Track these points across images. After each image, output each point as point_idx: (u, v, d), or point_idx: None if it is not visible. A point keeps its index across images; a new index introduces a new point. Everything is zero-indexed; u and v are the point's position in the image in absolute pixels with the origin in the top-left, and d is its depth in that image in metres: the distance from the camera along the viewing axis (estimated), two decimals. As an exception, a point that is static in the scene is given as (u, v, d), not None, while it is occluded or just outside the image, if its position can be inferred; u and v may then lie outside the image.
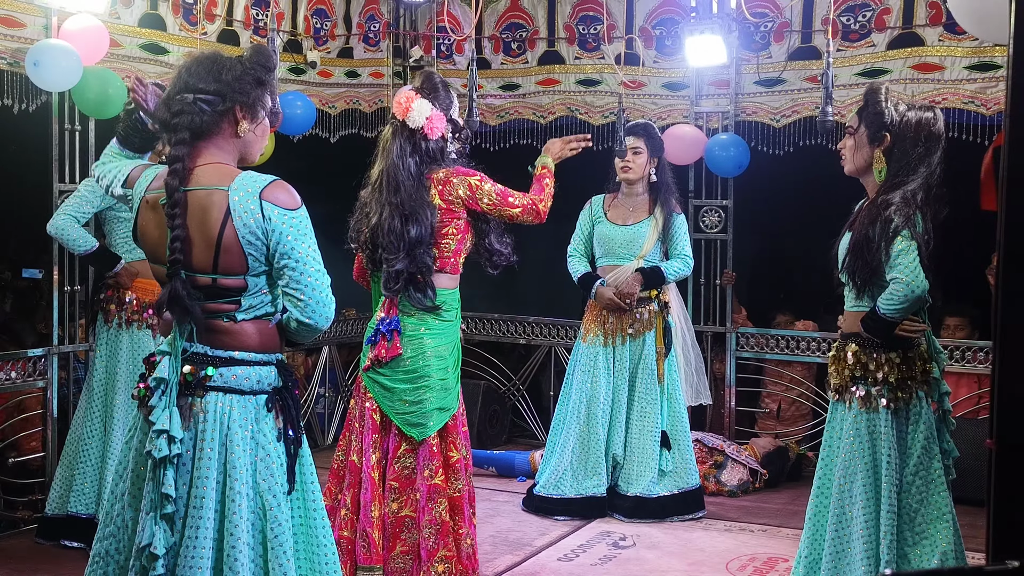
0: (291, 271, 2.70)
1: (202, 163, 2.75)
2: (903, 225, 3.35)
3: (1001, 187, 1.89)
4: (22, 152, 6.13)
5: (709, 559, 4.76)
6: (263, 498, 2.73)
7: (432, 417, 3.96)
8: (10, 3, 4.82)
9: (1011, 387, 1.84)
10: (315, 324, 2.75)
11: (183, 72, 2.79)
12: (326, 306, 2.75)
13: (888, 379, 3.46)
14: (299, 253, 2.69)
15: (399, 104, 3.99)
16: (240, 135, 2.80)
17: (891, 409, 3.46)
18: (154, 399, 2.69)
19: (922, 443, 3.46)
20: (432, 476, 3.93)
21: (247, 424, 2.73)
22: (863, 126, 3.53)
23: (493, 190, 4.00)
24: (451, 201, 3.97)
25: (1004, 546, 1.82)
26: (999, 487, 1.85)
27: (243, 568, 2.65)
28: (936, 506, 3.46)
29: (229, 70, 2.77)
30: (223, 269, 2.69)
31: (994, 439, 1.85)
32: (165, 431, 2.64)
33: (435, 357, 4.00)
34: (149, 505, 2.65)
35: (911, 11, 5.72)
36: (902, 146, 3.44)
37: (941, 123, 3.48)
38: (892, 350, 3.46)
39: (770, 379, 6.61)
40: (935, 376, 3.50)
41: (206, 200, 2.69)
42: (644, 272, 5.31)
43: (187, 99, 2.73)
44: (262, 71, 2.81)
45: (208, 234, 2.68)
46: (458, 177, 3.98)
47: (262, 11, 6.07)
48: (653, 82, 6.41)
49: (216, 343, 2.73)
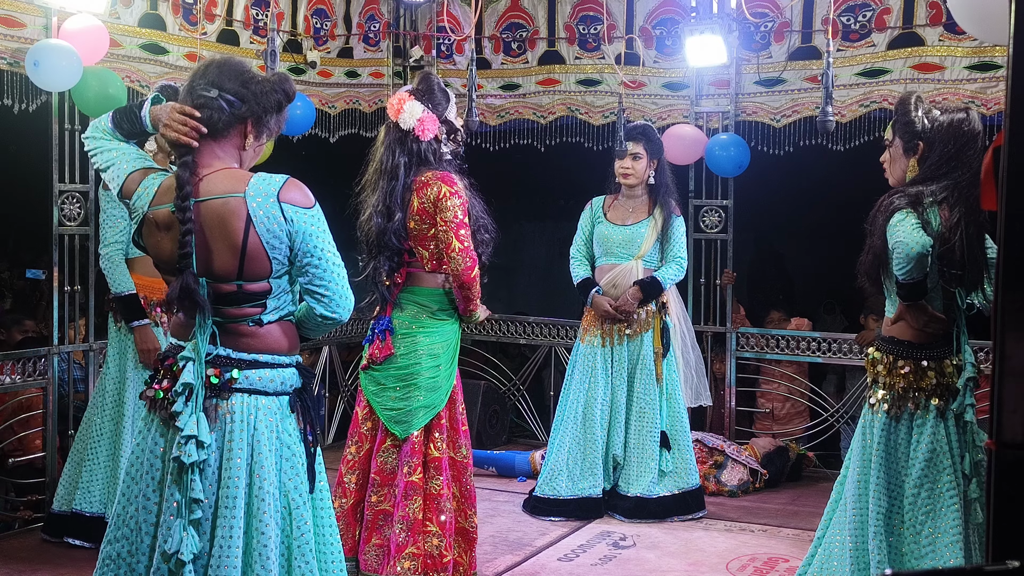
0: (314, 268, 2.73)
1: (209, 170, 2.75)
2: (902, 205, 3.36)
3: (1001, 187, 1.88)
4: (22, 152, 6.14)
5: (709, 559, 4.76)
6: (288, 497, 2.76)
7: (417, 415, 4.02)
8: (10, 3, 4.82)
9: (1011, 387, 1.83)
10: (339, 317, 2.80)
11: (211, 68, 2.79)
12: (348, 299, 2.81)
13: (895, 386, 3.45)
14: (320, 250, 2.73)
15: (391, 105, 4.08)
16: (244, 148, 2.82)
17: (890, 415, 3.45)
18: (179, 404, 2.69)
19: (925, 455, 3.40)
20: (411, 473, 3.98)
21: (272, 425, 2.75)
22: (897, 138, 3.54)
23: (456, 211, 3.98)
24: (427, 204, 4.00)
25: (1004, 546, 1.82)
26: (999, 487, 1.85)
27: (275, 567, 2.68)
28: (945, 521, 3.37)
29: (257, 83, 2.79)
30: (248, 275, 2.70)
31: (994, 439, 1.85)
32: (194, 436, 2.65)
33: (427, 356, 4.05)
34: (176, 510, 2.65)
35: (911, 11, 5.71)
36: (934, 150, 3.45)
37: (976, 123, 3.46)
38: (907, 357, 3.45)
39: (764, 378, 6.62)
40: (959, 387, 3.42)
41: (223, 208, 2.69)
42: (643, 285, 5.31)
43: (211, 93, 2.75)
44: (284, 97, 2.84)
45: (231, 242, 2.68)
46: (435, 181, 4.01)
47: (262, 11, 6.07)
48: (653, 82, 6.40)
49: (240, 346, 2.75)
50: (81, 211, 5.13)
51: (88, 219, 5.13)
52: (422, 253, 4.05)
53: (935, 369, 3.44)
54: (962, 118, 3.46)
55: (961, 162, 3.42)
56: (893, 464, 3.47)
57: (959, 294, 3.48)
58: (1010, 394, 1.84)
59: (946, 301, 3.47)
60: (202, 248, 2.70)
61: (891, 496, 3.47)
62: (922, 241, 3.29)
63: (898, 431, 3.46)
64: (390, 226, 4.00)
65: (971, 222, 3.38)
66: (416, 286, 4.09)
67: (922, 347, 3.45)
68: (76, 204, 5.11)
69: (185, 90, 2.82)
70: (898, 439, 3.47)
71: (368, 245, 4.09)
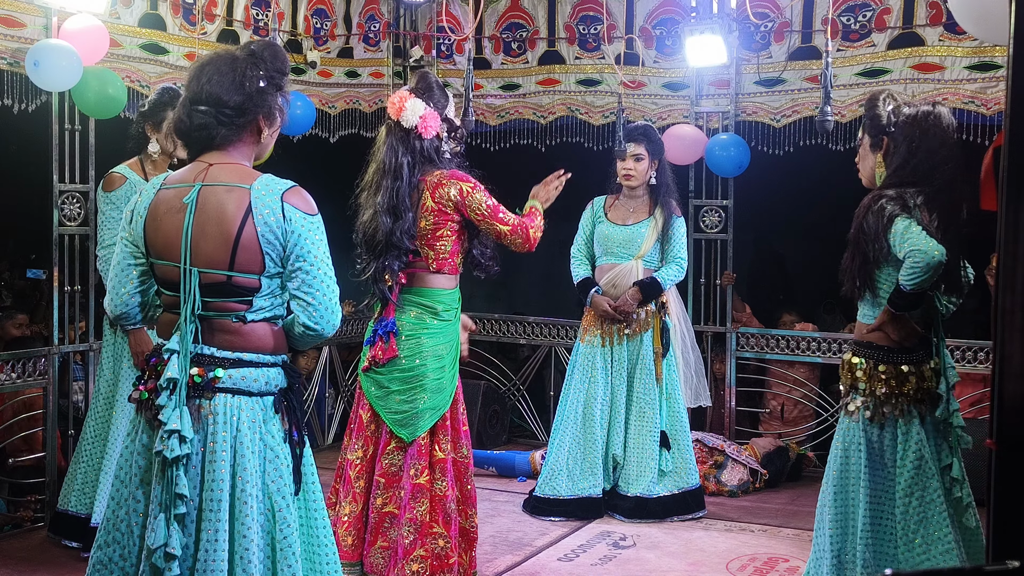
0: (304, 274, 2.71)
1: (219, 161, 2.75)
2: (899, 211, 3.31)
3: (1001, 187, 1.88)
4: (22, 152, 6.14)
5: (709, 559, 4.76)
6: (272, 499, 2.73)
7: (423, 417, 3.99)
8: (10, 3, 4.82)
9: (1011, 387, 1.83)
10: (320, 330, 2.76)
11: (203, 80, 2.74)
12: (334, 313, 2.76)
13: (875, 392, 3.40)
14: (314, 257, 2.71)
15: (392, 104, 4.02)
16: (260, 141, 2.83)
17: (873, 422, 3.41)
18: (162, 398, 2.67)
19: (914, 462, 3.37)
20: (417, 475, 3.96)
21: (255, 426, 2.73)
22: (866, 135, 3.52)
23: (484, 201, 3.99)
24: (443, 203, 3.97)
25: (1004, 546, 1.82)
26: (999, 487, 1.85)
27: (256, 569, 2.65)
28: (937, 529, 3.35)
29: (251, 79, 2.75)
30: (239, 267, 2.69)
31: (994, 439, 1.85)
32: (176, 431, 2.63)
33: (432, 357, 4.02)
34: (158, 507, 2.63)
35: (911, 11, 5.71)
36: (899, 147, 3.41)
37: (944, 117, 3.39)
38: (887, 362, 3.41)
39: (774, 379, 6.61)
40: (940, 392, 3.40)
41: (225, 196, 2.68)
42: (642, 286, 5.30)
43: (210, 113, 2.73)
44: (280, 77, 2.82)
45: (226, 230, 2.67)
46: (450, 180, 3.99)
47: (262, 11, 6.08)
48: (653, 82, 6.40)
49: (224, 344, 2.72)
50: (81, 211, 5.12)
51: (88, 219, 5.13)
52: (427, 253, 4.02)
53: (915, 374, 3.40)
54: (927, 111, 3.39)
55: (933, 161, 3.36)
56: (879, 471, 3.43)
57: (938, 299, 3.45)
58: (1010, 394, 1.84)
59: (926, 306, 3.44)
60: (198, 232, 2.69)
61: (880, 503, 3.43)
62: (940, 248, 3.21)
63: (882, 438, 3.42)
64: (399, 225, 3.94)
65: (950, 226, 3.34)
66: (420, 287, 4.06)
67: (902, 352, 3.41)
68: (76, 204, 5.11)
69: (182, 105, 2.78)
70: (883, 446, 3.42)
71: (369, 246, 4.04)
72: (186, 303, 2.69)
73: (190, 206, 2.69)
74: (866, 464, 3.43)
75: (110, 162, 4.75)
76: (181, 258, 2.70)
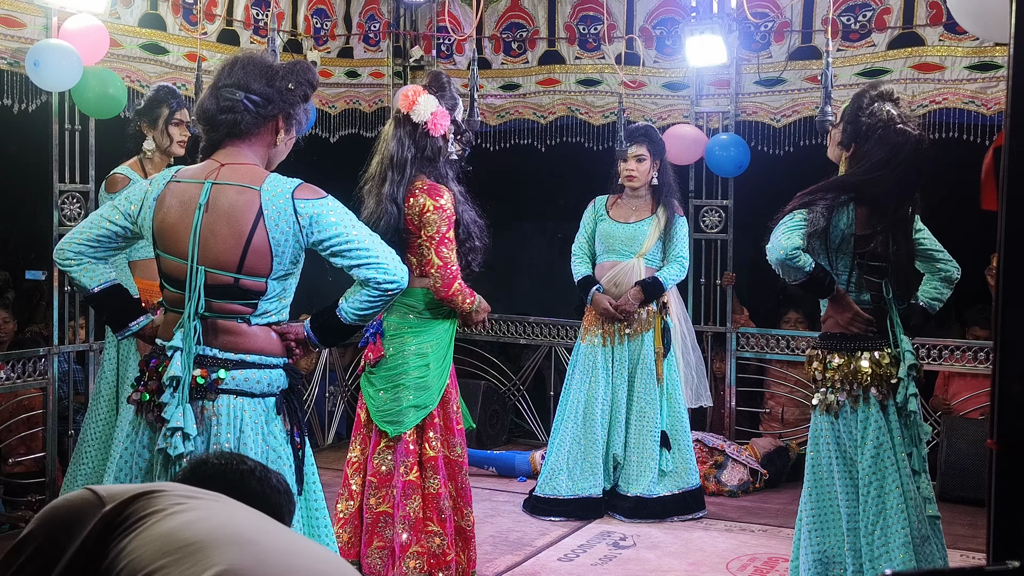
0: (345, 242, 2.72)
1: (232, 160, 2.76)
2: (792, 208, 3.41)
3: (1001, 187, 1.88)
4: (22, 152, 6.13)
5: (709, 559, 4.76)
6: None
7: (407, 415, 4.01)
8: (10, 3, 4.82)
9: (1011, 387, 1.83)
10: (396, 277, 2.76)
11: (236, 67, 2.79)
12: (398, 260, 2.79)
13: (832, 381, 3.49)
14: (344, 226, 2.73)
15: (406, 97, 3.99)
16: (276, 144, 2.83)
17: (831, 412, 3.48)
18: (165, 396, 2.67)
19: (872, 450, 3.41)
20: (407, 472, 3.98)
21: (258, 427, 2.74)
22: (842, 124, 3.57)
23: (439, 226, 3.92)
24: (411, 214, 3.96)
25: (1004, 546, 1.82)
26: (999, 487, 1.85)
27: None
28: (894, 521, 3.38)
29: (282, 79, 2.80)
30: (248, 270, 2.70)
31: (994, 439, 1.84)
32: (180, 428, 2.63)
33: (415, 355, 4.05)
34: None
35: (911, 11, 5.72)
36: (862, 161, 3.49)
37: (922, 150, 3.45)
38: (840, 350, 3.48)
39: (773, 379, 6.61)
40: (900, 377, 3.45)
41: (236, 197, 2.69)
42: (644, 285, 5.30)
43: (237, 96, 2.75)
44: (309, 89, 2.86)
45: (238, 231, 2.68)
46: (422, 194, 3.95)
47: (262, 11, 6.08)
48: (653, 82, 6.40)
49: (227, 345, 2.73)
50: (81, 211, 5.12)
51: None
52: (410, 260, 4.01)
53: (870, 360, 3.45)
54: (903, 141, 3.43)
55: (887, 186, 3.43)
56: (851, 465, 3.48)
57: (885, 286, 3.50)
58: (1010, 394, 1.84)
59: (874, 293, 3.49)
60: (207, 231, 2.69)
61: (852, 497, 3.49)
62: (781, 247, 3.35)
63: (849, 427, 3.47)
64: (384, 222, 3.93)
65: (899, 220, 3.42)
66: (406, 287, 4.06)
67: (855, 338, 3.48)
68: (76, 204, 5.11)
69: (210, 90, 2.81)
70: (851, 434, 3.47)
71: None
72: (190, 301, 2.69)
73: (200, 203, 2.70)
74: (836, 457, 3.48)
75: (110, 162, 4.75)
76: (188, 255, 2.70)
